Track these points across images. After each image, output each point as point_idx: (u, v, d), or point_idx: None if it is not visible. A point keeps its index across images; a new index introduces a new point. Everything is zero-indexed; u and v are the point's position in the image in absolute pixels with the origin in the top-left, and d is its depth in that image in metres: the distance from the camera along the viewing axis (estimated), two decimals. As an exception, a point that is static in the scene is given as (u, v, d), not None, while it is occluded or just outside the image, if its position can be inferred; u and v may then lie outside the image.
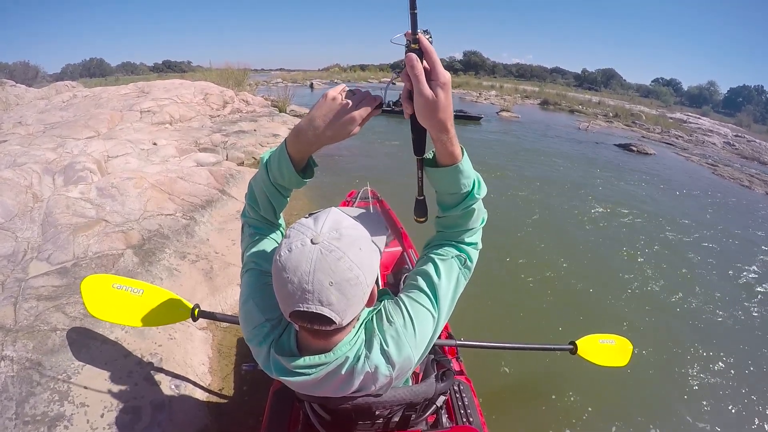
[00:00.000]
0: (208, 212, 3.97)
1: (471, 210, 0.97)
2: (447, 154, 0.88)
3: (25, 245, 2.80)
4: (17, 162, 4.16)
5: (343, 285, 0.77)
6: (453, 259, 1.02)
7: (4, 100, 9.08)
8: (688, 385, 3.05)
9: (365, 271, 0.80)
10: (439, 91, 0.79)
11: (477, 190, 0.94)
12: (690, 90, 70.43)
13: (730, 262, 5.18)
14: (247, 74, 17.10)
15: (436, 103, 0.79)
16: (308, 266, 0.75)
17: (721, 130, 22.36)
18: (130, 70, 65.38)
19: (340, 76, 37.70)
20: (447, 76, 0.79)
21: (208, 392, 2.24)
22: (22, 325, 2.09)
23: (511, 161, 9.22)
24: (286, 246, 0.79)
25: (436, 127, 0.83)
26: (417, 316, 0.96)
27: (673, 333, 3.65)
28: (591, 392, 2.76)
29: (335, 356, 0.88)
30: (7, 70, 25.32)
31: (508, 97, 26.35)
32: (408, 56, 0.78)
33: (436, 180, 0.95)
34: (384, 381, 0.93)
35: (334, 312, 0.78)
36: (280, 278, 0.78)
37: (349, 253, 0.78)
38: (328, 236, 0.79)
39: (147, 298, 1.89)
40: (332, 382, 0.92)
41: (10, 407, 1.70)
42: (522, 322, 3.50)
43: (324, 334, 0.85)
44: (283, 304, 0.81)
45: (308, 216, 0.88)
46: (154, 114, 8.19)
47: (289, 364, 0.89)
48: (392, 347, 0.91)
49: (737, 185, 10.05)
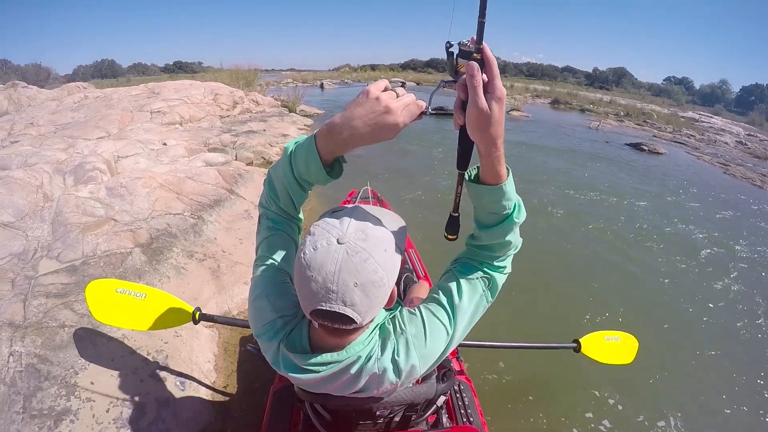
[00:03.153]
0: (216, 211, 4.00)
1: (507, 233, 0.92)
2: (493, 173, 0.84)
3: (35, 244, 2.85)
4: (28, 162, 4.22)
5: (367, 286, 0.76)
6: (478, 280, 0.99)
7: (17, 101, 9.19)
8: (696, 381, 3.03)
9: (389, 273, 0.80)
10: (494, 104, 0.76)
11: (516, 214, 0.90)
12: (702, 88, 69.68)
13: (739, 261, 5.13)
14: (258, 74, 17.19)
15: (490, 117, 0.76)
16: (333, 266, 0.75)
17: (733, 129, 22.09)
18: (141, 70, 65.79)
19: (351, 76, 37.67)
20: (504, 91, 0.77)
21: (213, 390, 2.26)
22: (31, 321, 2.12)
23: (515, 159, 9.17)
24: (311, 244, 0.79)
25: (486, 142, 0.80)
26: (431, 330, 0.94)
27: (680, 329, 3.62)
28: (595, 391, 2.74)
29: (347, 355, 0.88)
30: (19, 72, 25.67)
31: (519, 97, 26.15)
32: (470, 65, 0.75)
33: (477, 197, 0.90)
34: (388, 386, 0.92)
35: (356, 312, 0.77)
36: (304, 276, 0.78)
37: (375, 255, 0.77)
38: (354, 237, 0.78)
39: (149, 302, 1.91)
40: (338, 380, 0.91)
41: (17, 401, 1.73)
42: (524, 320, 3.47)
43: (341, 332, 0.85)
44: (305, 302, 0.81)
45: (332, 213, 0.87)
46: (164, 114, 8.27)
47: (300, 361, 0.89)
48: (402, 355, 0.90)
49: (749, 185, 9.93)
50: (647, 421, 2.60)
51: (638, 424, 2.58)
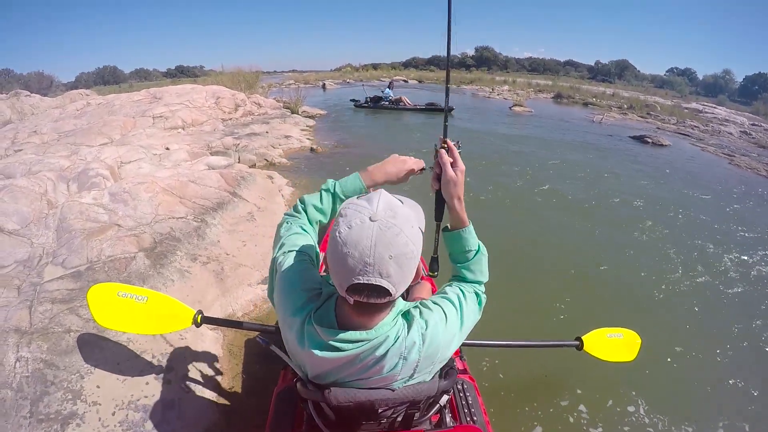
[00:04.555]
0: (219, 214, 4.01)
1: (479, 264, 1.28)
2: (459, 220, 1.25)
3: (40, 250, 2.87)
4: (32, 170, 4.26)
5: (400, 258, 0.85)
6: (473, 293, 1.24)
7: (20, 110, 9.26)
8: (701, 378, 3.00)
9: (417, 247, 0.89)
10: (458, 173, 1.23)
11: (482, 251, 1.28)
12: (705, 79, 69.00)
13: (747, 255, 5.08)
14: (259, 76, 17.23)
15: (456, 181, 1.22)
16: (369, 241, 0.83)
17: (738, 119, 21.89)
18: (144, 76, 66.01)
19: (352, 75, 37.58)
20: (463, 166, 1.24)
21: (217, 391, 2.28)
22: (37, 327, 2.14)
23: (515, 155, 9.14)
24: (344, 224, 0.87)
25: (453, 197, 1.23)
26: (449, 321, 1.10)
27: (683, 325, 3.60)
28: (598, 389, 2.71)
29: (377, 334, 0.96)
30: (22, 81, 25.85)
31: (521, 92, 26.06)
32: (440, 152, 1.26)
33: (450, 241, 1.28)
34: (410, 366, 1.01)
35: (391, 284, 0.85)
36: (340, 253, 0.85)
37: (405, 229, 0.86)
38: (385, 215, 0.87)
39: (151, 306, 1.92)
40: (362, 362, 0.97)
41: (24, 406, 1.75)
42: (526, 318, 3.47)
43: (372, 310, 0.94)
44: (341, 278, 0.87)
45: (358, 198, 0.96)
46: (166, 119, 8.31)
47: (328, 336, 0.95)
48: (429, 334, 1.02)
49: (754, 175, 9.85)
50: (652, 418, 2.58)
51: (643, 421, 2.56)
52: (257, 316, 3.08)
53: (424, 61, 71.54)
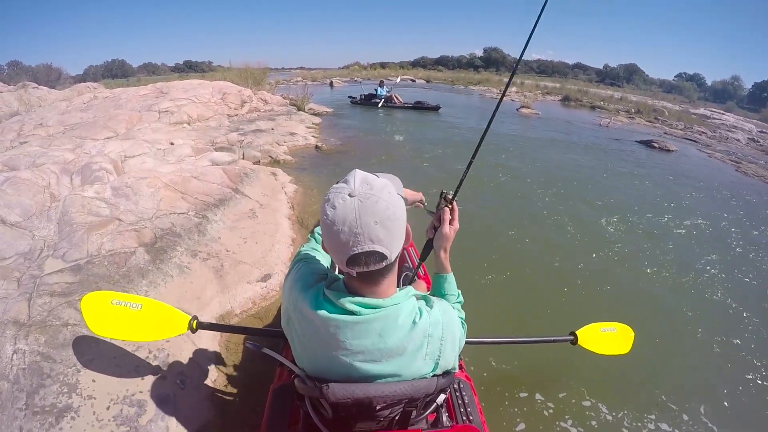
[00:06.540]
0: (221, 211, 4.02)
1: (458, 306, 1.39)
2: (443, 267, 1.41)
3: (41, 243, 2.88)
4: (36, 162, 4.27)
5: (385, 222, 0.92)
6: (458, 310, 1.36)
7: (27, 102, 9.31)
8: (694, 370, 3.04)
9: (398, 209, 0.97)
10: (452, 230, 1.40)
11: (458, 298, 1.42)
12: (714, 85, 68.87)
13: (744, 254, 5.08)
14: (267, 73, 17.24)
15: (449, 236, 1.39)
16: (354, 214, 0.90)
17: (746, 126, 21.77)
18: (152, 70, 66.35)
19: (360, 74, 37.61)
20: (458, 226, 1.41)
21: (213, 388, 2.28)
22: (36, 320, 2.15)
23: (516, 155, 9.12)
24: (329, 205, 0.94)
25: (442, 248, 1.40)
26: (455, 312, 1.26)
27: (676, 318, 3.64)
28: (593, 383, 2.73)
29: (392, 302, 1.02)
30: (30, 73, 25.97)
31: (529, 94, 26.01)
32: (444, 209, 1.42)
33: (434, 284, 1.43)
34: (435, 343, 1.08)
35: (384, 247, 0.93)
36: (332, 232, 0.93)
37: (383, 196, 0.94)
38: (362, 189, 0.94)
39: (145, 313, 1.91)
40: (381, 325, 1.02)
41: (20, 398, 1.76)
42: (520, 314, 3.49)
43: (376, 275, 1.00)
44: (339, 254, 0.95)
45: (338, 181, 1.01)
46: (172, 114, 8.34)
47: (345, 301, 1.00)
48: (448, 315, 1.15)
49: (761, 182, 9.79)
50: (646, 411, 2.60)
51: (637, 414, 2.57)
52: (256, 314, 3.08)
53: (432, 61, 71.57)
